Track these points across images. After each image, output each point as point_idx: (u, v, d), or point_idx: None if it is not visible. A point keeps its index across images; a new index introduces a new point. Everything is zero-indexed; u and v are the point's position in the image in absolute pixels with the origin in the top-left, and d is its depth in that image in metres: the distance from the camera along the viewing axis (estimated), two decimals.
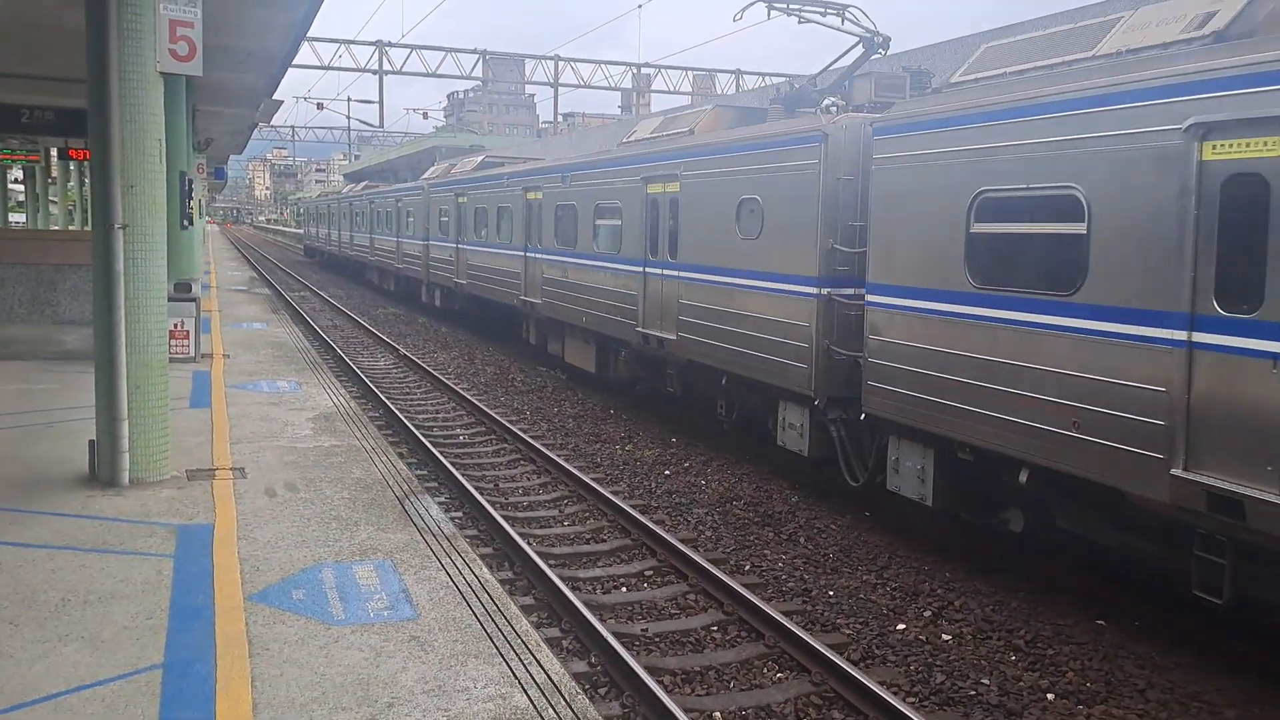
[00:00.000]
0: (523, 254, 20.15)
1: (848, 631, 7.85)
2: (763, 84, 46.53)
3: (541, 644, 5.86)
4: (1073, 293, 7.64)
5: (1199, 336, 6.74)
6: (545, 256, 18.89)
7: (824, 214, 10.54)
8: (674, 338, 13.65)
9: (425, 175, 31.16)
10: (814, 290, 10.64)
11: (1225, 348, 6.58)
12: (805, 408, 11.08)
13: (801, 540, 10.00)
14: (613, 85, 49.94)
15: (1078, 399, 7.56)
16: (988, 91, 8.71)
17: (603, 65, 48.13)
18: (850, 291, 10.40)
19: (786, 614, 7.87)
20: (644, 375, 15.78)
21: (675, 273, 13.72)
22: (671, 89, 50.08)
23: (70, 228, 41.19)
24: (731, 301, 12.28)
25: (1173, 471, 6.82)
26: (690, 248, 13.30)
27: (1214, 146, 6.64)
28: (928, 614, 8.19)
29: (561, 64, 47.27)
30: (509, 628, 6.02)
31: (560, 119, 63.29)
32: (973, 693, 6.85)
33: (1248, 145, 6.44)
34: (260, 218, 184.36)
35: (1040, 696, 6.85)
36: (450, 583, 6.71)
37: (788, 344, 11.08)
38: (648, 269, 14.57)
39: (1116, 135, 7.29)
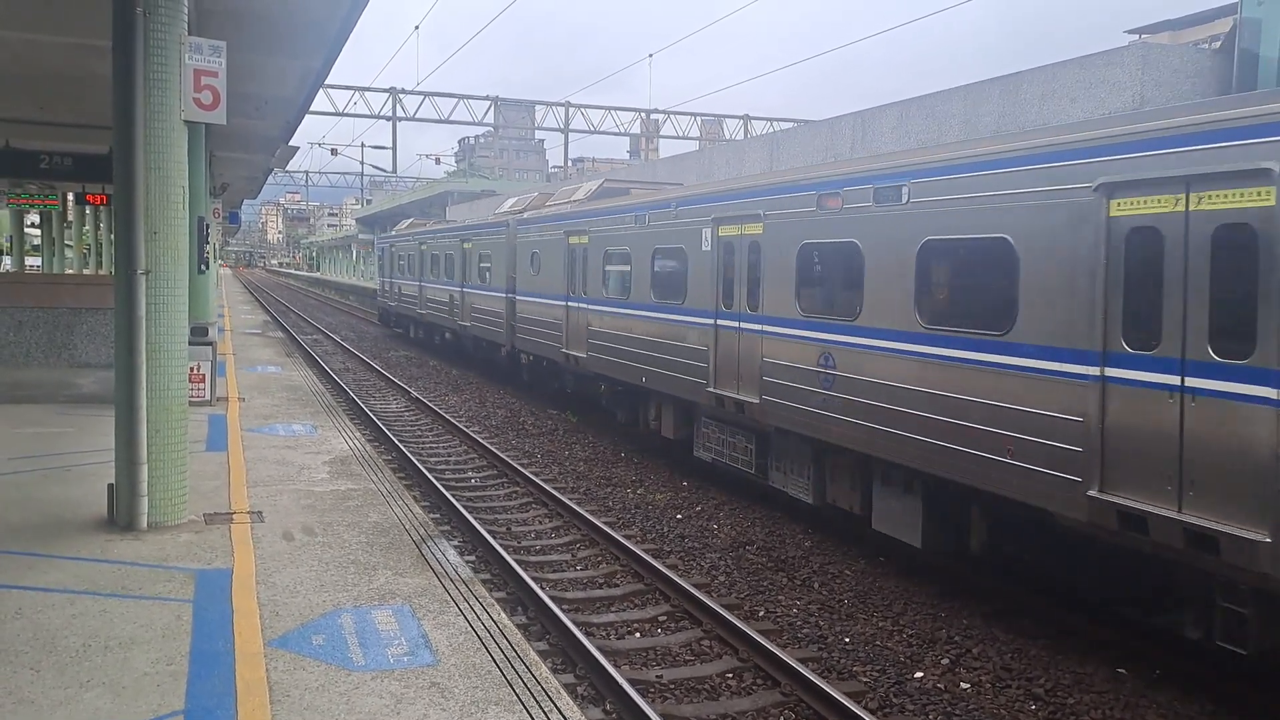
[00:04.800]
0: None
1: (865, 679, 7.80)
2: (770, 128, 46.96)
3: (561, 690, 5.85)
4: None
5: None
6: None
7: None
8: None
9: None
10: None
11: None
12: None
13: (815, 586, 9.97)
14: (622, 130, 50.53)
15: None
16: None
17: (612, 111, 48.71)
18: None
19: (802, 661, 7.83)
20: None
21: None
22: (680, 134, 50.66)
23: (85, 271, 41.58)
24: None
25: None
26: None
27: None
28: (945, 661, 8.14)
29: (572, 110, 47.88)
30: (529, 674, 6.01)
31: (570, 163, 63.83)
32: None
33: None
34: (273, 261, 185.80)
35: None
36: (469, 628, 6.71)
37: None
38: None
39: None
